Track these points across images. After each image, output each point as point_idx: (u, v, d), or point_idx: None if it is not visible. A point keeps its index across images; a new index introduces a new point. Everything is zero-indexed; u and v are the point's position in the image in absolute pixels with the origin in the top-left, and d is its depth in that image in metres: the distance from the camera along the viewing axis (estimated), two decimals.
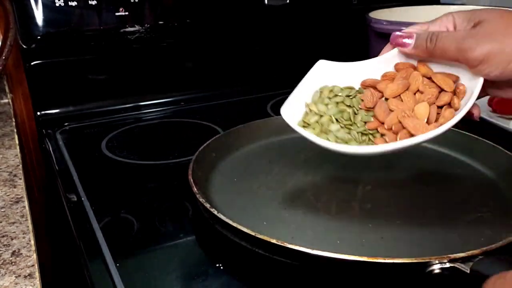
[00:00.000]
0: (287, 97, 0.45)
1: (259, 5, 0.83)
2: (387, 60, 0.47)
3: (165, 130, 0.73)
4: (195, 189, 0.45)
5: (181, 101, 0.84)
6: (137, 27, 0.75)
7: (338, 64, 0.50)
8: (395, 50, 0.46)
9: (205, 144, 0.56)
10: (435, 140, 0.57)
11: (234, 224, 0.40)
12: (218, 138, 0.59)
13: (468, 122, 0.74)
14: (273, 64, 0.94)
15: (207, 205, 0.43)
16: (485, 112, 0.69)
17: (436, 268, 0.34)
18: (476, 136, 0.59)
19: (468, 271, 0.33)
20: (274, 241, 0.37)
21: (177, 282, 0.38)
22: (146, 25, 0.75)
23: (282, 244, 0.37)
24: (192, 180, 0.47)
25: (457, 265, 0.34)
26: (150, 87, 0.83)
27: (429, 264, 0.34)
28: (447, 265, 0.34)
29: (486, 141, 0.57)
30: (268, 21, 0.87)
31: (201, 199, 0.44)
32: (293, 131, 0.50)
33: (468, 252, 0.35)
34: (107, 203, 0.51)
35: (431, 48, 0.42)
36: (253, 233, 0.38)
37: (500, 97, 0.69)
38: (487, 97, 0.72)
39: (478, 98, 0.41)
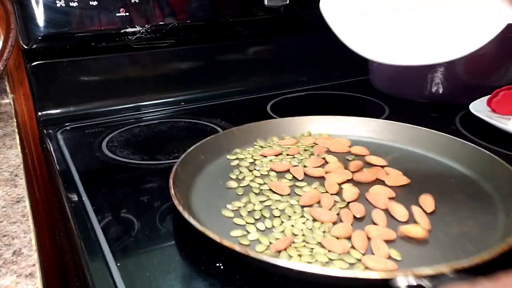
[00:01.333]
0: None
1: (259, 5, 0.83)
2: None
3: (166, 130, 0.73)
4: (173, 191, 0.45)
5: (181, 101, 0.85)
6: (137, 28, 0.75)
7: None
8: None
9: (193, 147, 0.56)
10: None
11: (201, 229, 0.39)
12: (207, 141, 0.58)
13: (467, 122, 0.74)
14: (273, 64, 0.94)
15: (180, 208, 0.42)
16: (484, 113, 0.70)
17: (403, 285, 0.33)
18: (479, 148, 0.55)
19: None
20: (237, 248, 0.37)
21: (177, 282, 0.39)
22: (146, 25, 0.76)
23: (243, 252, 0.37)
24: (172, 181, 0.47)
25: (423, 282, 0.33)
26: (150, 87, 0.84)
27: (395, 280, 0.33)
28: (413, 282, 0.33)
29: (488, 152, 0.54)
30: (268, 21, 0.87)
31: (175, 201, 0.44)
32: None
33: (436, 270, 0.33)
34: (108, 203, 0.51)
35: None
36: (218, 239, 0.38)
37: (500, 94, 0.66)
38: (486, 98, 0.73)
39: None
